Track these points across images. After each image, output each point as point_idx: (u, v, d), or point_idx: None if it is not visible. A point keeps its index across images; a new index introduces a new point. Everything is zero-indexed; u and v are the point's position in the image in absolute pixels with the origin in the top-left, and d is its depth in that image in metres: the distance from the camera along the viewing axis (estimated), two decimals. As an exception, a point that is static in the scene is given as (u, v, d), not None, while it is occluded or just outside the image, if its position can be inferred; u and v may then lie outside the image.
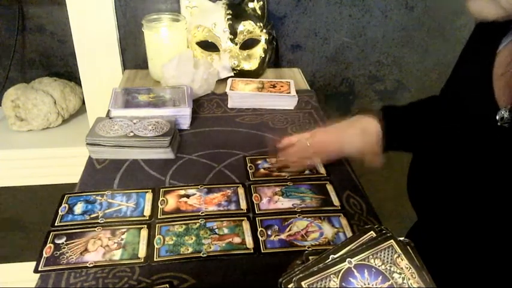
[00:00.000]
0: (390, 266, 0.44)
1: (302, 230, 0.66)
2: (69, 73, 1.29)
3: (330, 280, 0.43)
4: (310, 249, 0.63)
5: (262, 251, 0.62)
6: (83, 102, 1.27)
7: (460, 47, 0.70)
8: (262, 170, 0.79)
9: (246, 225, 0.67)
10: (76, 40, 1.16)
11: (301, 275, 0.43)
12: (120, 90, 0.98)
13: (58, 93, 1.20)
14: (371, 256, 0.45)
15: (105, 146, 0.81)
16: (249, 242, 0.64)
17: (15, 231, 1.50)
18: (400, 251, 0.45)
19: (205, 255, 0.62)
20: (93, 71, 1.20)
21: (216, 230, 0.66)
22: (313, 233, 0.66)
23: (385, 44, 1.34)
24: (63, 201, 0.71)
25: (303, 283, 0.43)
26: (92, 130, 0.83)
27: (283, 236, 0.65)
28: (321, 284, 0.43)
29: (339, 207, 0.71)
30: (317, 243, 0.64)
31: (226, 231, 0.66)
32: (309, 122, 0.97)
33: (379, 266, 0.44)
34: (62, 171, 1.18)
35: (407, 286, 0.44)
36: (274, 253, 0.62)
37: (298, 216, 0.69)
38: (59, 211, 0.69)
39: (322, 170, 0.80)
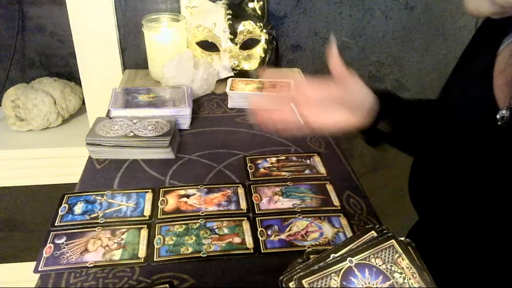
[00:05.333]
0: (391, 266, 0.44)
1: (302, 230, 0.66)
2: (69, 73, 1.29)
3: (330, 279, 0.43)
4: (310, 249, 0.63)
5: (262, 251, 0.62)
6: (83, 102, 1.27)
7: (460, 47, 0.70)
8: (262, 170, 0.79)
9: (246, 225, 0.67)
10: (76, 40, 1.16)
11: (302, 273, 0.43)
12: (120, 90, 0.98)
13: (58, 93, 1.20)
14: (372, 255, 0.45)
15: (105, 146, 0.81)
16: (249, 242, 0.64)
17: (15, 231, 1.50)
18: (401, 251, 0.45)
19: (205, 255, 0.62)
20: (93, 71, 1.20)
21: (216, 230, 0.66)
22: (313, 233, 0.66)
23: (385, 44, 1.34)
24: (63, 201, 0.71)
25: (303, 281, 0.43)
26: (91, 130, 0.83)
27: (283, 236, 0.65)
28: (321, 283, 0.43)
29: (339, 207, 0.71)
30: (317, 243, 0.64)
31: (226, 231, 0.66)
32: (309, 122, 0.97)
33: (380, 266, 0.44)
34: (62, 171, 1.18)
35: (408, 286, 0.44)
36: (274, 253, 0.62)
37: (298, 216, 0.69)
38: (59, 211, 0.69)
39: (322, 170, 0.80)
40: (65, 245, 0.63)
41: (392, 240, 0.46)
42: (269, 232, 0.66)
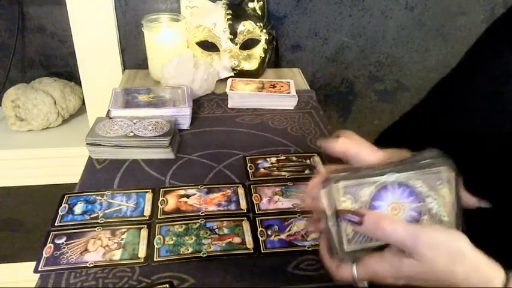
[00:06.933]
0: (428, 190, 0.43)
1: (302, 230, 0.66)
2: (69, 73, 1.29)
3: (364, 187, 0.43)
4: (310, 249, 0.63)
5: (262, 251, 0.62)
6: (83, 102, 1.26)
7: (460, 47, 0.69)
8: (262, 170, 0.79)
9: (246, 225, 0.67)
10: (76, 40, 1.16)
11: (343, 174, 0.43)
12: (120, 90, 0.98)
13: (58, 93, 1.20)
14: (414, 176, 0.43)
15: (105, 146, 0.81)
16: (249, 242, 0.64)
17: (15, 231, 1.50)
18: (445, 179, 0.44)
19: (205, 255, 0.62)
20: (93, 71, 1.20)
21: (216, 230, 0.66)
22: (313, 233, 0.66)
23: (385, 44, 1.34)
24: (63, 201, 0.71)
25: (340, 183, 0.43)
26: (91, 130, 0.83)
27: (283, 236, 0.65)
28: (355, 189, 0.43)
29: (339, 207, 0.71)
30: (317, 243, 0.64)
31: (226, 231, 0.66)
32: (309, 122, 0.97)
33: (417, 187, 0.43)
34: (62, 171, 1.18)
35: (436, 213, 0.43)
36: (274, 253, 0.62)
37: (298, 216, 0.69)
38: (59, 211, 0.69)
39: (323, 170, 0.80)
40: (65, 245, 0.63)
41: (443, 167, 0.44)
42: (269, 232, 0.66)
